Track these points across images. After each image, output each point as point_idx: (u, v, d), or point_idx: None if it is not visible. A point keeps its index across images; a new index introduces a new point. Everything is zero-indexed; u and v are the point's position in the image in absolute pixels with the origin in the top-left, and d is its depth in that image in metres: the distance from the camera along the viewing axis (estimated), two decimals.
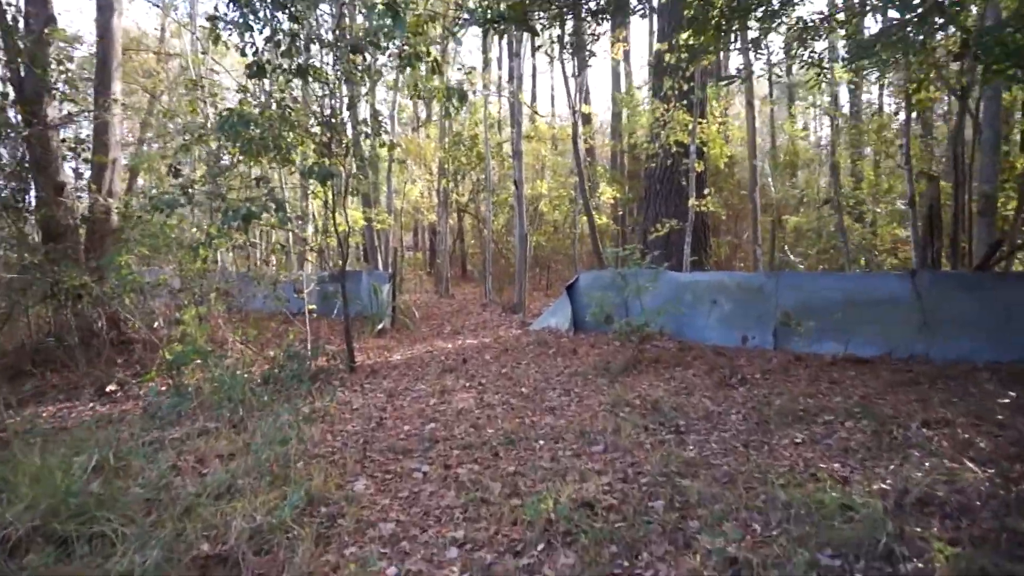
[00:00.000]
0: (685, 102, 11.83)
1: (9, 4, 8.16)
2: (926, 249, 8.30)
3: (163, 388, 6.71)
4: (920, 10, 5.04)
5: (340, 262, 8.34)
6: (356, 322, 10.27)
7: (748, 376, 6.47)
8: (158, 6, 18.74)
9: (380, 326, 11.00)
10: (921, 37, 5.22)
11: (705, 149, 12.77)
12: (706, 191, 12.92)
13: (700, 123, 11.99)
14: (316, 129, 7.65)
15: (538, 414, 5.61)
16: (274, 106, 7.14)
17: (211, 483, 3.80)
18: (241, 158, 7.32)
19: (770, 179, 14.97)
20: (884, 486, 3.55)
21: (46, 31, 8.23)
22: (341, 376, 7.51)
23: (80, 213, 8.68)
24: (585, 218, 14.58)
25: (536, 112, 21.90)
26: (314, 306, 9.60)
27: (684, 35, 6.62)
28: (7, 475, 3.66)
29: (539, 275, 20.37)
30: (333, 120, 7.51)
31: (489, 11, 5.36)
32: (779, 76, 7.05)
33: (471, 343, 9.96)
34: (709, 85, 12.02)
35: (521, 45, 13.93)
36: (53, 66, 8.31)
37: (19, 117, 8.19)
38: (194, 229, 9.27)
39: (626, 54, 20.08)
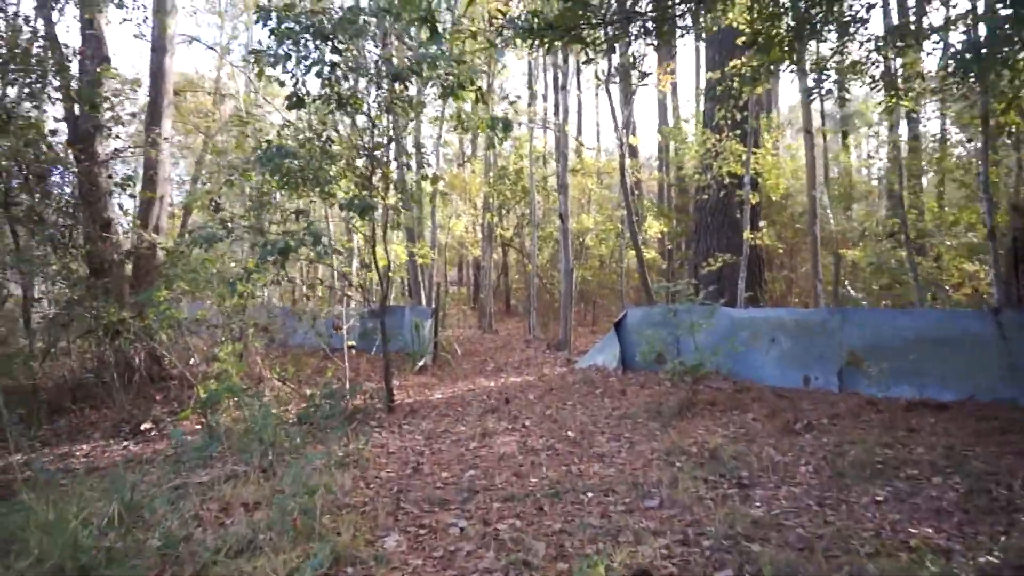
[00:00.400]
0: (738, 132, 11.44)
1: (66, 46, 8.37)
2: (1010, 285, 7.65)
3: (197, 427, 6.54)
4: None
5: (381, 297, 8.13)
6: (397, 359, 10.04)
7: (814, 422, 5.94)
8: (214, 49, 19.31)
9: (421, 363, 10.75)
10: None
11: (760, 180, 12.30)
12: (761, 224, 12.42)
13: (754, 153, 11.56)
14: (359, 162, 7.52)
15: (586, 461, 5.20)
16: (314, 138, 7.04)
17: (231, 537, 3.51)
18: (283, 191, 7.22)
19: (829, 211, 14.34)
20: (991, 559, 3.05)
21: (99, 70, 8.39)
22: (379, 415, 7.23)
23: (125, 249, 8.71)
24: (632, 252, 14.17)
25: (582, 144, 21.69)
26: (354, 342, 9.40)
27: (747, 56, 6.29)
28: (19, 525, 3.44)
29: (584, 310, 19.94)
30: (375, 152, 7.37)
31: (536, 19, 5.11)
32: (847, 97, 6.60)
33: (514, 381, 9.61)
34: (762, 118, 11.61)
35: (567, 78, 13.76)
36: (105, 105, 8.43)
37: (70, 154, 8.31)
38: (233, 264, 9.21)
39: (673, 87, 19.77)
